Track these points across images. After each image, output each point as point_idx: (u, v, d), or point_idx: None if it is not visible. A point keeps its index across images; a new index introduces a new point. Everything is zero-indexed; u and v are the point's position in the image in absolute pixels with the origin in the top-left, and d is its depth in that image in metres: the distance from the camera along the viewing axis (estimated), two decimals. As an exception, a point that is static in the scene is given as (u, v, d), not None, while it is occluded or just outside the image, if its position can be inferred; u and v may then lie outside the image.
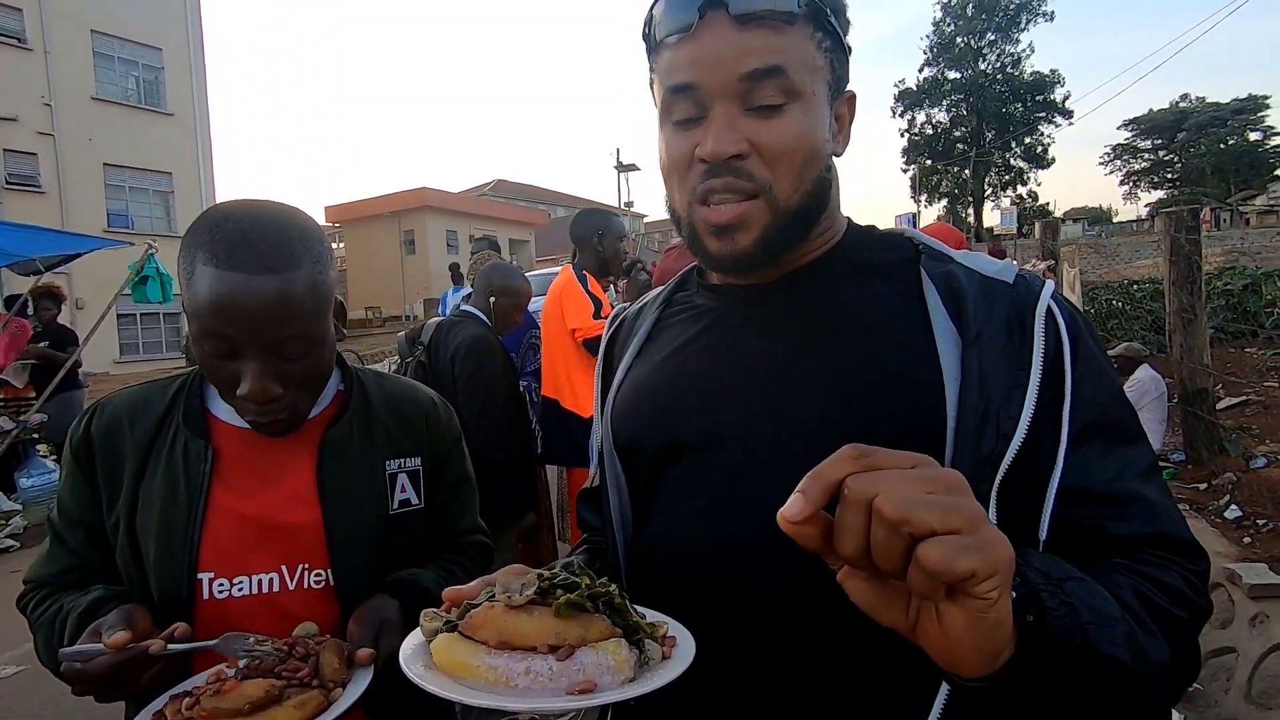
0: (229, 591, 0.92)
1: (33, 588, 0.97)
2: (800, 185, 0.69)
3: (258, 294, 0.83)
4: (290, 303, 0.85)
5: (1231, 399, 5.37)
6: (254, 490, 0.95)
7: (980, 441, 0.61)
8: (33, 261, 6.20)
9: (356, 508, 0.98)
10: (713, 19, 0.66)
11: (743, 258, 0.70)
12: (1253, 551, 3.04)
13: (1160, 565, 0.60)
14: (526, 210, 33.90)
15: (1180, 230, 4.00)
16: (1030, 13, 43.38)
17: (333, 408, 1.02)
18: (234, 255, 0.83)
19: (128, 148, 17.92)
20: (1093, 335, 0.69)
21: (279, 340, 0.86)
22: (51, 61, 16.56)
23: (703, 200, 0.70)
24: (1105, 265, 18.16)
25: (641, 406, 0.78)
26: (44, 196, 16.34)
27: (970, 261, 0.71)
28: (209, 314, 0.84)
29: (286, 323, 0.86)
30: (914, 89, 46.27)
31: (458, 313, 2.89)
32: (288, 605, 0.93)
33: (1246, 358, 6.39)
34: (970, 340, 0.64)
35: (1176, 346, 4.10)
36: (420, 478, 1.05)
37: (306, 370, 0.91)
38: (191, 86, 19.59)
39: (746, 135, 0.67)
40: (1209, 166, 47.31)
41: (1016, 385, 0.62)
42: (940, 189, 47.79)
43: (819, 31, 0.69)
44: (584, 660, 0.52)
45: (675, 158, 0.71)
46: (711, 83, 0.67)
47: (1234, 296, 7.52)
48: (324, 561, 0.95)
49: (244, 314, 0.83)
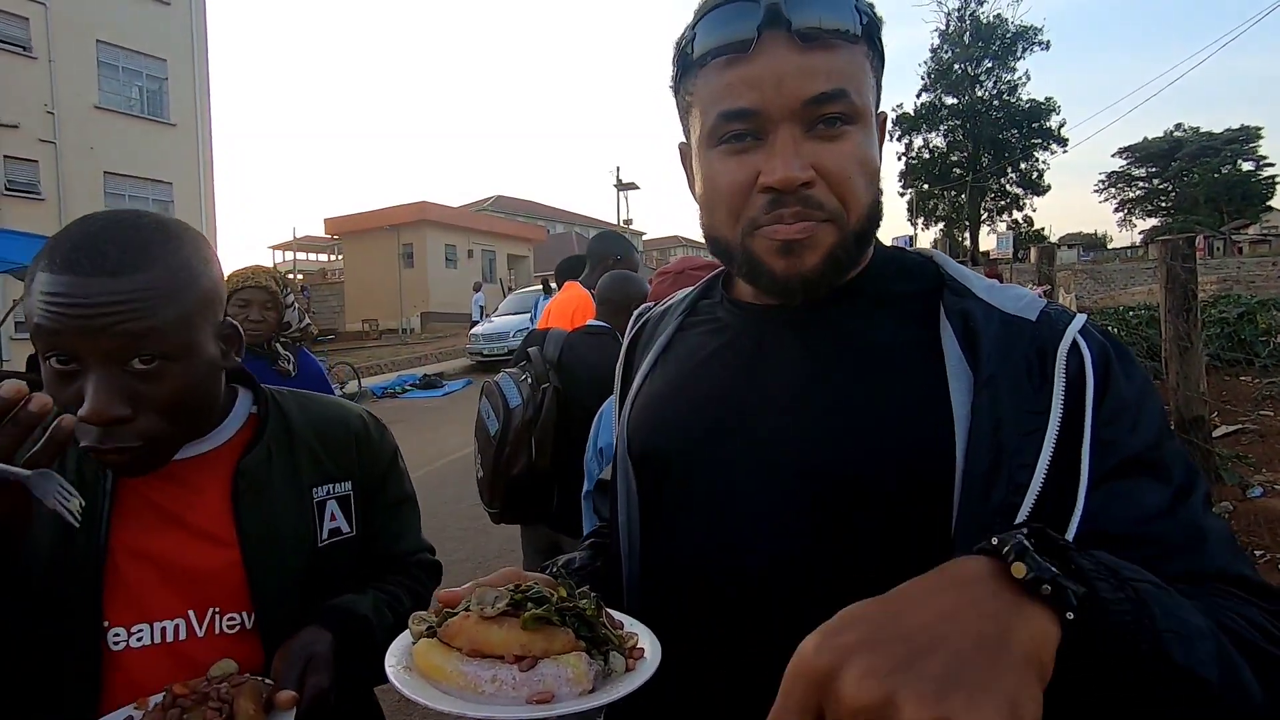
0: (127, 642, 0.82)
1: None
2: (864, 210, 0.67)
3: (94, 294, 0.73)
4: (136, 304, 0.74)
5: (1227, 427, 5.37)
6: (157, 529, 0.85)
7: (990, 491, 0.57)
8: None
9: (280, 544, 0.88)
10: (771, 37, 0.62)
11: (811, 277, 0.66)
12: (1250, 582, 3.02)
13: (1239, 599, 0.53)
14: (525, 226, 34.03)
15: (1176, 258, 4.02)
16: (1026, 41, 44.05)
17: (245, 433, 0.93)
18: (70, 258, 0.74)
19: (129, 157, 17.99)
20: (1129, 366, 0.63)
21: (122, 349, 0.74)
22: (55, 70, 16.65)
23: (767, 224, 0.66)
24: (1101, 291, 18.27)
25: (654, 419, 0.77)
26: (43, 204, 16.35)
27: (993, 296, 0.67)
28: (43, 321, 0.73)
29: (131, 326, 0.74)
30: (911, 114, 46.78)
31: (593, 327, 2.57)
32: (197, 655, 0.82)
33: (1242, 386, 6.40)
34: (983, 382, 0.61)
35: (1172, 374, 4.11)
36: (351, 503, 0.97)
37: (164, 392, 0.77)
38: (194, 97, 19.71)
39: (811, 160, 0.63)
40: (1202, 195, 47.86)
41: (1034, 430, 0.58)
42: (937, 213, 48.22)
43: (872, 50, 0.67)
44: (545, 672, 0.56)
45: (727, 185, 0.67)
46: (774, 107, 0.63)
47: (1229, 324, 7.56)
48: (242, 604, 0.86)
49: (78, 316, 0.72)
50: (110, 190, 17.81)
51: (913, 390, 0.64)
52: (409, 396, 12.33)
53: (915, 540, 0.61)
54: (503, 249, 30.92)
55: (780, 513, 0.65)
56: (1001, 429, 0.59)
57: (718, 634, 0.67)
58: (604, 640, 0.60)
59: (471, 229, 29.39)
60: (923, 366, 0.64)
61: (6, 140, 15.90)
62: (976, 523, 0.58)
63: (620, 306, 2.43)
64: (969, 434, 0.59)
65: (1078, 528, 0.56)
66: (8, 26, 16.00)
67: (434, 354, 17.80)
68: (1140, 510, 0.57)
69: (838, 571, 0.63)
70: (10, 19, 16.04)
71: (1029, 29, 44.00)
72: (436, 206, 28.55)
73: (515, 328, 13.38)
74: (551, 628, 0.58)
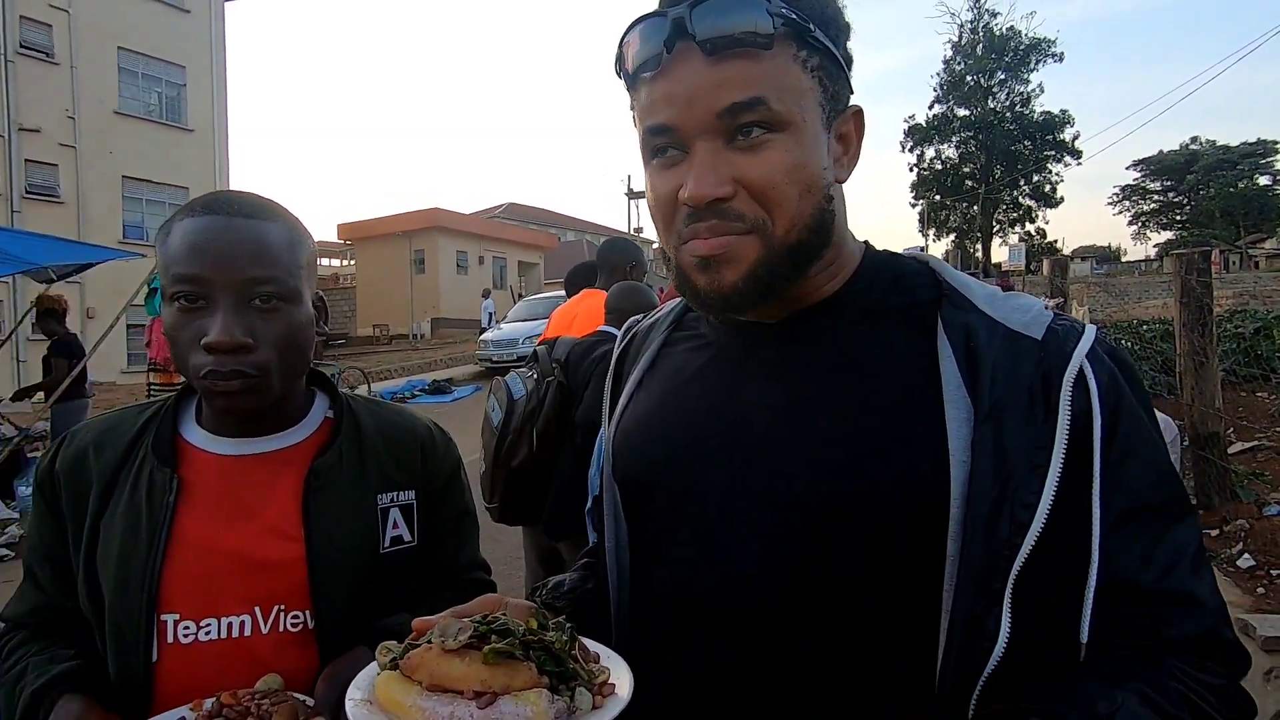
0: (195, 635, 0.84)
1: (8, 628, 0.93)
2: (798, 220, 0.63)
3: (231, 231, 0.83)
4: (264, 246, 0.85)
5: (1243, 444, 5.30)
6: (228, 522, 0.87)
7: (994, 532, 0.55)
8: (46, 270, 6.26)
9: (345, 544, 0.90)
10: (682, 52, 0.61)
11: (731, 294, 0.64)
12: (1266, 602, 2.96)
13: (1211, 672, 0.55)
14: (537, 233, 34.14)
15: (1192, 272, 3.98)
16: (1040, 53, 43.98)
17: (321, 435, 0.96)
18: (210, 204, 0.86)
19: (147, 161, 18.19)
20: (1139, 397, 0.60)
21: (251, 282, 0.83)
22: (77, 76, 16.88)
23: (690, 237, 0.65)
24: (1114, 304, 18.11)
25: (636, 443, 0.76)
26: (62, 206, 16.55)
27: (996, 310, 0.63)
28: (181, 259, 0.82)
29: (259, 264, 0.84)
30: (924, 125, 46.74)
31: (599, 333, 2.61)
32: (260, 651, 0.85)
33: (1258, 402, 6.32)
34: (984, 415, 0.57)
35: (1188, 389, 4.06)
36: (414, 513, 0.98)
37: (280, 329, 0.85)
38: (212, 104, 19.92)
39: (732, 173, 0.61)
40: (1218, 209, 47.46)
41: (1037, 466, 0.56)
42: (949, 224, 48.04)
43: (803, 50, 0.62)
44: (504, 709, 0.54)
45: (660, 198, 0.66)
46: (689, 121, 0.62)
47: (1245, 340, 7.47)
48: (304, 602, 0.88)
49: (215, 251, 0.82)
50: (128, 194, 18.01)
51: (905, 416, 0.61)
52: (418, 402, 12.35)
53: (906, 570, 0.60)
54: (514, 256, 31.01)
55: (767, 542, 0.63)
56: (1004, 465, 0.56)
57: (705, 662, 0.65)
58: (572, 675, 0.58)
59: (483, 236, 29.51)
60: (917, 390, 0.61)
61: (28, 144, 16.12)
62: (975, 559, 0.56)
63: (628, 315, 2.43)
64: (970, 474, 0.56)
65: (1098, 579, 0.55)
66: (32, 33, 16.25)
67: (444, 359, 17.85)
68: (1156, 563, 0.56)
69: (825, 600, 0.61)
70: (34, 25, 16.30)
71: (1042, 41, 43.98)
72: (449, 213, 28.70)
73: (525, 334, 13.40)
74: (514, 662, 0.56)
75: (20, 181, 15.97)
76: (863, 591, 0.61)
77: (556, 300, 3.70)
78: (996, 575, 0.55)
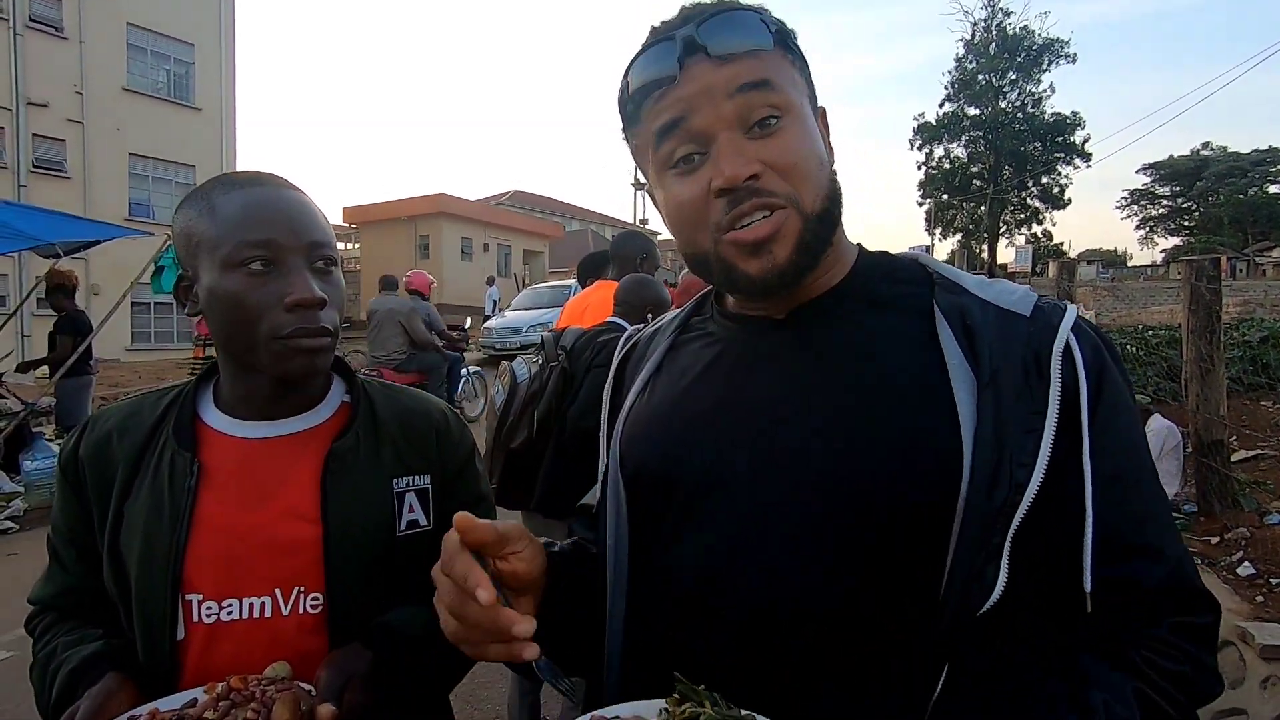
0: (218, 615, 0.86)
1: (36, 611, 0.95)
2: (820, 190, 0.68)
3: (289, 200, 0.88)
4: (316, 213, 0.90)
5: (1245, 452, 5.30)
6: (248, 505, 0.89)
7: (993, 491, 0.59)
8: (53, 246, 6.26)
9: (361, 527, 0.91)
10: (693, 63, 0.67)
11: (788, 268, 0.67)
12: (1265, 610, 2.96)
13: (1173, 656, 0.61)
14: (542, 222, 34.05)
15: (1201, 279, 3.96)
16: (1053, 54, 43.59)
17: (339, 419, 0.97)
18: (249, 179, 0.89)
19: (154, 139, 18.19)
20: (1120, 370, 0.67)
21: (314, 245, 0.88)
22: (86, 51, 16.85)
23: (730, 227, 0.67)
24: (1120, 309, 18.07)
25: (650, 437, 0.76)
26: (69, 182, 16.56)
27: (985, 292, 0.69)
28: (250, 226, 0.85)
29: (319, 230, 0.89)
30: (933, 123, 46.46)
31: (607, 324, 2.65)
32: (282, 632, 0.87)
33: (1262, 411, 6.31)
34: (986, 381, 0.62)
35: (1192, 396, 4.05)
36: (429, 497, 0.98)
37: (337, 290, 0.90)
38: (220, 82, 19.90)
39: (757, 156, 0.66)
40: (1227, 216, 47.29)
41: (1031, 430, 0.61)
42: (955, 224, 47.85)
43: (789, 54, 0.71)
44: None
45: (687, 202, 0.69)
46: (707, 113, 0.66)
47: (1251, 348, 7.45)
48: (319, 584, 0.89)
49: (282, 215, 0.86)
50: (134, 171, 18.02)
51: (915, 394, 0.64)
52: (420, 387, 12.35)
53: (916, 543, 0.61)
54: (519, 244, 30.97)
55: (801, 530, 0.64)
56: (1003, 428, 0.60)
57: (722, 660, 0.65)
58: None
59: (488, 223, 29.45)
60: (924, 368, 0.65)
61: (36, 118, 16.12)
62: (978, 522, 0.59)
63: (636, 309, 2.48)
64: (975, 436, 0.60)
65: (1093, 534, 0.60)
66: (41, 7, 16.21)
67: (447, 346, 17.84)
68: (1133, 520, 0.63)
69: (853, 587, 0.62)
70: (44, 0, 16.27)
71: (1056, 41, 43.58)
72: (454, 199, 28.64)
73: (529, 323, 13.41)
74: None
75: (28, 156, 15.98)
76: (883, 567, 0.62)
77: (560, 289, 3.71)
78: (996, 531, 0.59)
